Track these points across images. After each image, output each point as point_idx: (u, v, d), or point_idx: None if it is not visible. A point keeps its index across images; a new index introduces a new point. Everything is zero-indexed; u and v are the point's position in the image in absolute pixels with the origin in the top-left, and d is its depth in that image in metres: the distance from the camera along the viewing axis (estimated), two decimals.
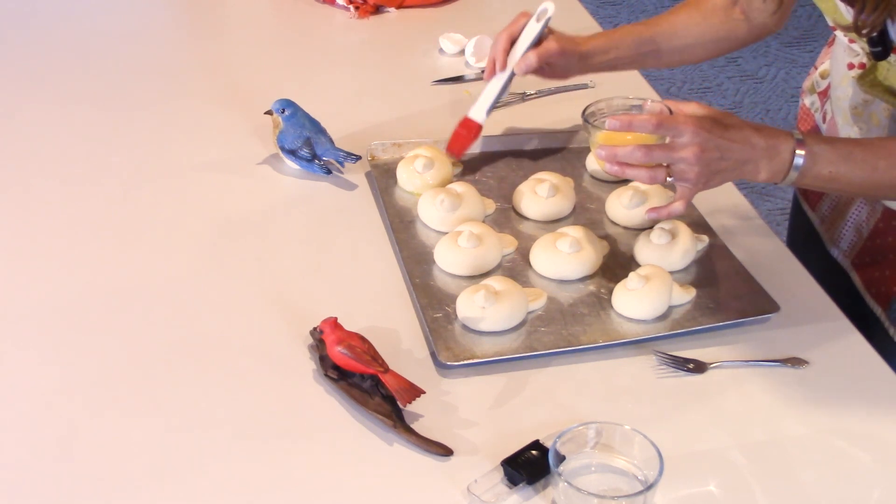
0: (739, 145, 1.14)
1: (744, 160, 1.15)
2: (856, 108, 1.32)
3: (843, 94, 1.34)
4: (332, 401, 1.11)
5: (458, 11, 1.97)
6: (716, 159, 1.13)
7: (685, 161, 1.13)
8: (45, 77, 1.75)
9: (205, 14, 2.01)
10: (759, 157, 1.15)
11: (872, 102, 1.29)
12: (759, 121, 3.54)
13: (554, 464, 0.97)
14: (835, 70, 1.37)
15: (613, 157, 1.16)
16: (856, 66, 1.30)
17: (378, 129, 1.57)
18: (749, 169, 1.15)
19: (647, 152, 1.14)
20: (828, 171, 1.15)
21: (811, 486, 1.03)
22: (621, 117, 1.16)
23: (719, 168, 1.14)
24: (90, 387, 1.13)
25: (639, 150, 1.14)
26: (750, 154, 1.14)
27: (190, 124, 1.62)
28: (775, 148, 1.15)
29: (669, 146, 1.13)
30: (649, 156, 1.14)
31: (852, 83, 1.31)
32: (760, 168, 1.15)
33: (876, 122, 1.30)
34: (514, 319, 1.19)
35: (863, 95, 1.29)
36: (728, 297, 1.24)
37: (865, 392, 1.14)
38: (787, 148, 1.15)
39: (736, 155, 1.14)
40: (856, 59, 1.29)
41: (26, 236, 1.36)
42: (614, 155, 1.15)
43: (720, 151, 1.13)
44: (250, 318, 1.22)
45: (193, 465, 1.04)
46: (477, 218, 1.35)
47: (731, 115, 1.17)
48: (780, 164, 1.15)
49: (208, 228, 1.38)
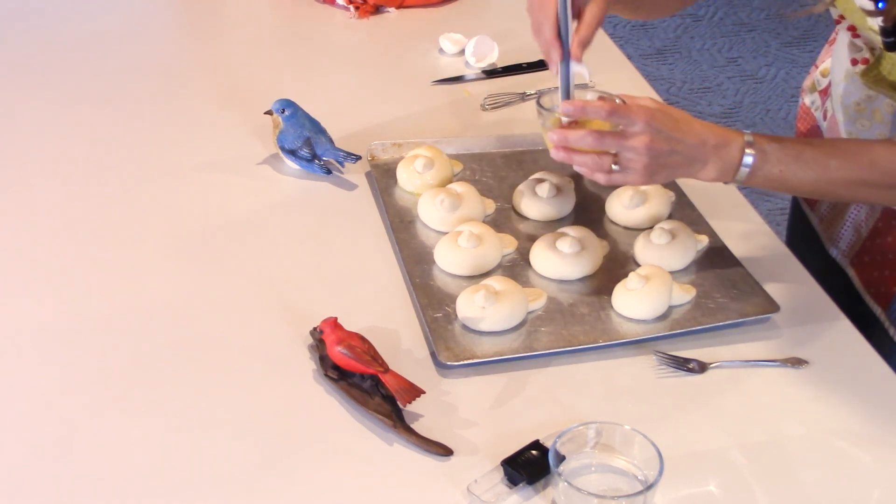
0: (690, 140, 1.14)
1: (693, 157, 1.15)
2: (858, 104, 1.32)
3: (845, 90, 1.34)
4: (332, 401, 1.11)
5: (458, 11, 1.97)
6: (665, 152, 1.13)
7: (635, 150, 1.13)
8: (45, 77, 1.75)
9: (205, 14, 2.01)
10: (709, 155, 1.15)
11: (876, 98, 1.29)
12: (760, 121, 3.54)
13: (554, 464, 0.97)
14: (836, 67, 1.36)
15: (565, 140, 1.15)
16: (859, 62, 1.30)
17: (378, 129, 1.57)
18: (698, 167, 1.16)
19: (599, 138, 1.13)
20: (778, 171, 1.16)
21: (811, 486, 1.03)
22: (575, 102, 1.15)
23: (668, 162, 1.14)
24: (90, 387, 1.13)
25: (590, 136, 1.13)
26: (700, 151, 1.15)
27: (190, 124, 1.62)
28: (725, 146, 1.15)
29: (621, 134, 1.13)
30: (600, 142, 1.13)
31: (855, 80, 1.31)
32: (709, 166, 1.15)
33: (879, 118, 1.30)
34: (514, 319, 1.19)
35: (866, 91, 1.29)
36: (728, 297, 1.24)
37: (865, 392, 1.14)
38: (737, 146, 1.15)
39: (686, 150, 1.14)
40: (859, 55, 1.29)
41: (26, 236, 1.36)
42: (565, 139, 1.15)
43: (670, 144, 1.13)
44: (250, 319, 1.22)
45: (193, 465, 1.04)
46: (477, 218, 1.35)
47: (682, 111, 1.17)
48: (729, 162, 1.15)
49: (208, 228, 1.38)
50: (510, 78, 1.74)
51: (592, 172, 1.16)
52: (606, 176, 1.15)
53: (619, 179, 1.16)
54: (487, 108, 1.65)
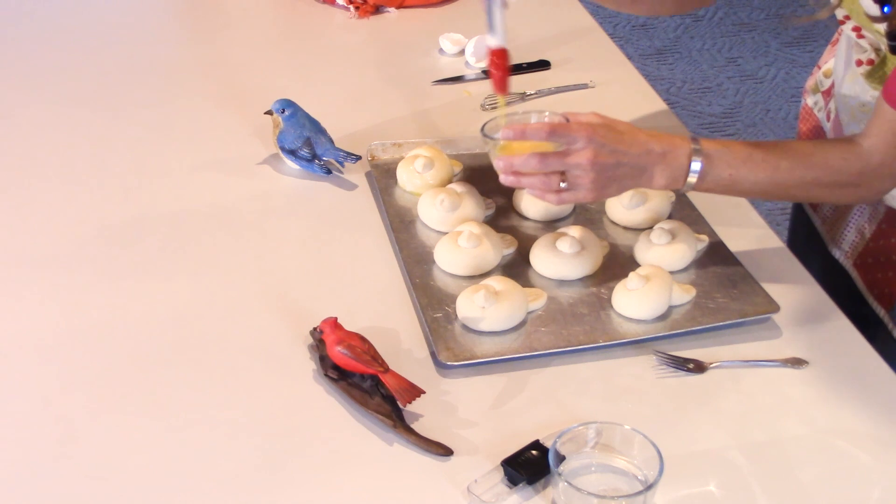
0: (635, 150, 1.15)
1: (640, 166, 1.15)
2: (863, 105, 1.31)
3: (849, 91, 1.33)
4: (332, 401, 1.11)
5: (458, 11, 1.97)
6: (611, 165, 1.14)
7: (580, 167, 1.13)
8: (44, 77, 1.75)
9: (205, 14, 2.01)
10: (656, 164, 1.15)
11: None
12: (760, 120, 3.54)
13: (554, 464, 0.97)
14: (840, 68, 1.36)
15: (510, 167, 1.16)
16: (864, 63, 1.30)
17: (378, 129, 1.57)
18: (646, 176, 1.16)
19: (542, 160, 1.14)
20: (728, 174, 1.16)
21: (811, 486, 1.03)
22: (515, 126, 1.16)
23: (615, 175, 1.15)
24: (90, 387, 1.13)
25: (533, 158, 1.14)
26: (646, 160, 1.15)
27: (190, 124, 1.62)
28: (671, 153, 1.15)
29: (564, 153, 1.14)
30: (544, 163, 1.14)
31: (859, 80, 1.30)
32: (657, 174, 1.16)
33: None
34: (514, 319, 1.19)
35: (871, 92, 1.29)
36: (728, 297, 1.24)
37: (865, 392, 1.14)
38: (684, 153, 1.15)
39: (632, 161, 1.15)
40: (864, 56, 1.29)
41: (26, 236, 1.36)
42: (511, 164, 1.16)
43: (615, 157, 1.14)
44: (250, 319, 1.22)
45: (193, 465, 1.04)
46: (477, 218, 1.35)
47: (626, 123, 1.18)
48: (677, 169, 1.16)
49: (208, 228, 1.38)
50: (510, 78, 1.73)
51: (543, 194, 1.17)
52: (556, 196, 1.16)
53: (569, 198, 1.17)
54: (487, 108, 1.65)
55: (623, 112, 1.65)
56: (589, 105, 1.65)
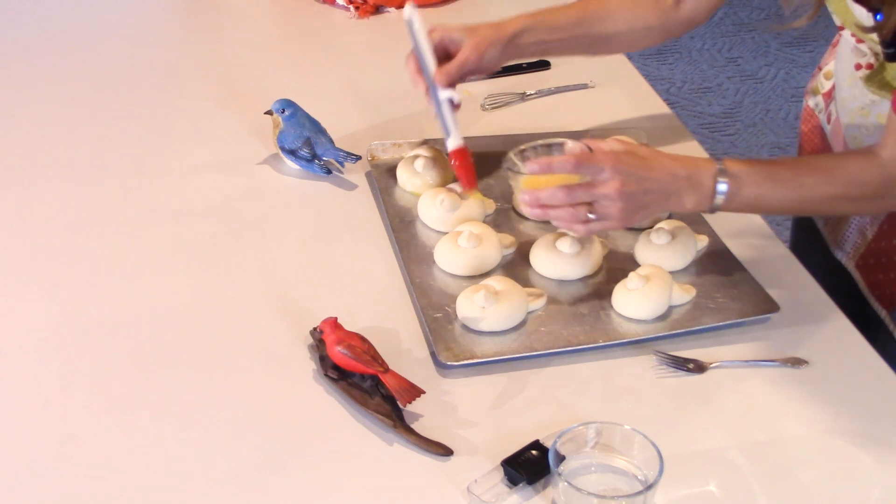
0: (660, 176, 1.14)
1: (667, 192, 1.15)
2: (863, 108, 1.31)
3: (849, 95, 1.33)
4: (332, 401, 1.11)
5: (458, 11, 1.97)
6: (638, 193, 1.13)
7: (607, 197, 1.13)
8: (44, 77, 1.75)
9: (205, 14, 2.01)
10: (682, 188, 1.14)
11: (880, 103, 1.29)
12: (760, 121, 3.54)
13: (554, 464, 0.97)
14: (840, 71, 1.36)
15: (537, 200, 1.15)
16: (863, 67, 1.29)
17: (378, 129, 1.57)
18: (674, 200, 1.15)
19: (569, 192, 1.13)
20: (753, 194, 1.15)
21: (811, 486, 1.03)
22: (540, 161, 1.15)
23: (643, 202, 1.14)
24: (90, 387, 1.13)
25: (560, 191, 1.13)
26: (672, 185, 1.14)
27: (190, 124, 1.62)
28: (696, 177, 1.14)
29: (590, 184, 1.13)
30: (571, 195, 1.13)
31: (859, 84, 1.30)
32: (684, 198, 1.15)
33: (883, 122, 1.29)
34: (514, 319, 1.19)
35: (870, 96, 1.29)
36: (728, 297, 1.24)
37: (865, 392, 1.14)
38: (709, 175, 1.14)
39: (658, 186, 1.14)
40: (863, 60, 1.29)
41: (26, 236, 1.36)
42: (537, 199, 1.15)
43: (641, 184, 1.13)
44: (250, 318, 1.22)
45: (193, 465, 1.04)
46: (477, 218, 1.35)
47: (649, 148, 1.17)
48: (703, 192, 1.15)
49: (208, 228, 1.38)
50: (510, 78, 1.73)
51: (570, 225, 1.16)
52: (584, 226, 1.16)
53: (597, 227, 1.16)
54: (487, 108, 1.65)
55: (623, 112, 1.65)
56: (589, 105, 1.67)
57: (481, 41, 1.33)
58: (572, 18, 1.40)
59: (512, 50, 1.36)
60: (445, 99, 1.33)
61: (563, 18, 1.39)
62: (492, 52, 1.34)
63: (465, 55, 1.32)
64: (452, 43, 1.34)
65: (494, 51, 1.34)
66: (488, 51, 1.33)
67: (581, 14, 1.40)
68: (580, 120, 1.60)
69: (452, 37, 1.34)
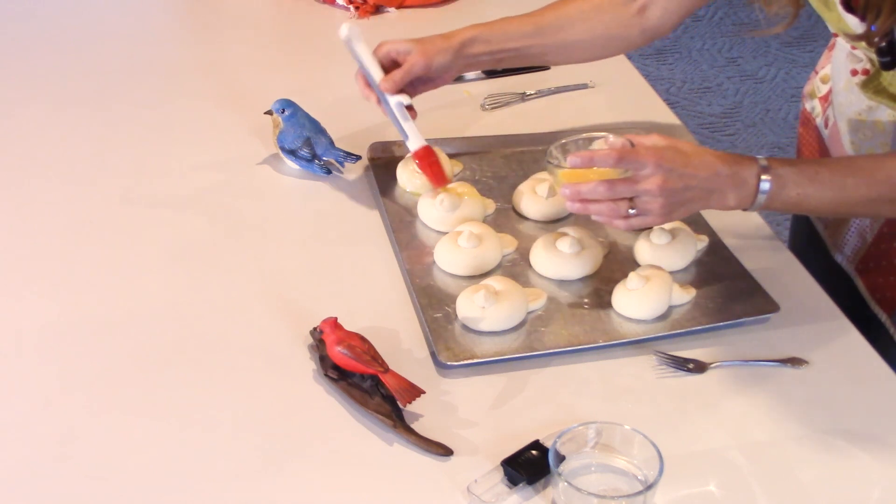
0: (703, 174, 1.13)
1: (709, 189, 1.14)
2: (860, 114, 1.31)
3: (845, 100, 1.33)
4: (332, 401, 1.11)
5: (458, 11, 1.97)
6: (680, 189, 1.12)
7: (649, 193, 1.12)
8: (44, 77, 1.75)
9: (205, 14, 2.01)
10: (725, 185, 1.14)
11: (877, 109, 1.29)
12: (760, 121, 3.54)
13: (554, 464, 0.97)
14: (837, 76, 1.36)
15: (577, 194, 1.14)
16: (859, 73, 1.29)
17: (378, 129, 1.57)
18: (715, 198, 1.14)
19: (611, 187, 1.12)
20: (795, 194, 1.14)
21: (811, 486, 1.03)
22: (582, 154, 1.14)
23: (684, 198, 1.13)
24: (90, 387, 1.13)
25: (602, 186, 1.12)
26: (714, 183, 1.13)
27: (190, 124, 1.62)
28: (739, 174, 1.14)
29: (632, 179, 1.12)
30: (613, 190, 1.12)
31: (855, 90, 1.30)
32: (726, 196, 1.14)
33: (881, 128, 1.29)
34: (514, 319, 1.19)
35: (867, 102, 1.29)
36: (728, 297, 1.24)
37: (865, 392, 1.14)
38: (752, 173, 1.14)
39: (700, 184, 1.13)
40: (859, 66, 1.29)
41: (26, 236, 1.36)
42: (578, 193, 1.14)
43: (683, 181, 1.12)
44: (250, 318, 1.22)
45: (193, 465, 1.04)
46: (477, 218, 1.35)
47: (692, 144, 1.16)
48: (746, 190, 1.14)
49: (208, 228, 1.38)
50: (510, 78, 1.73)
51: (610, 220, 1.15)
52: (625, 221, 1.15)
53: (637, 223, 1.16)
54: (487, 108, 1.65)
55: (623, 112, 1.65)
56: (589, 105, 1.67)
57: (429, 48, 1.34)
58: (528, 27, 1.39)
59: (463, 59, 1.37)
60: (396, 103, 1.35)
61: (519, 27, 1.38)
62: (440, 60, 1.35)
63: (412, 61, 1.34)
64: (400, 54, 1.35)
65: (443, 58, 1.35)
66: (436, 58, 1.34)
67: (538, 22, 1.39)
68: (580, 120, 1.60)
69: (399, 48, 1.35)
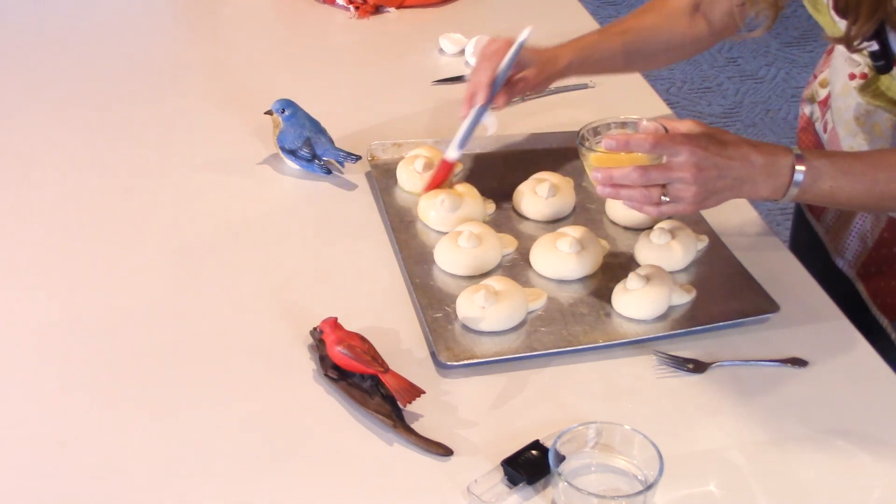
0: (738, 163, 1.12)
1: (742, 178, 1.13)
2: (858, 118, 1.31)
3: (844, 104, 1.33)
4: (332, 401, 1.11)
5: (458, 11, 1.97)
6: (713, 178, 1.11)
7: (683, 181, 1.11)
8: (45, 77, 1.75)
9: (205, 14, 2.01)
10: (758, 175, 1.13)
11: (875, 113, 1.28)
12: (760, 121, 3.54)
13: (554, 464, 0.97)
14: (835, 80, 1.36)
15: (609, 179, 1.13)
16: (857, 77, 1.29)
17: (378, 129, 1.57)
18: (748, 187, 1.13)
19: (644, 173, 1.11)
20: (828, 186, 1.14)
21: (811, 486, 1.03)
22: (618, 137, 1.13)
23: (717, 187, 1.12)
24: (90, 387, 1.13)
25: (635, 172, 1.11)
26: (748, 172, 1.13)
27: (190, 124, 1.62)
28: (774, 164, 1.13)
29: (666, 166, 1.11)
30: (646, 176, 1.11)
31: (853, 94, 1.30)
32: (759, 186, 1.13)
33: (879, 132, 1.29)
34: (514, 319, 1.19)
35: (865, 106, 1.29)
36: (728, 297, 1.24)
37: (865, 392, 1.14)
38: (787, 164, 1.13)
39: (734, 173, 1.12)
40: (857, 70, 1.29)
41: (26, 236, 1.36)
42: (610, 177, 1.13)
43: (718, 170, 1.11)
44: (250, 318, 1.22)
45: (193, 465, 1.04)
46: (477, 218, 1.35)
47: (728, 133, 1.15)
48: (779, 180, 1.13)
49: (208, 228, 1.38)
50: None
51: (642, 206, 1.14)
52: (656, 208, 1.14)
53: (669, 210, 1.14)
54: None
55: (623, 112, 1.64)
56: (589, 105, 1.67)
57: (543, 70, 1.38)
58: (617, 50, 1.44)
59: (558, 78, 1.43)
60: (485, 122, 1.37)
61: (609, 47, 1.44)
62: (545, 85, 1.42)
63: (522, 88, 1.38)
64: (519, 65, 1.36)
65: (548, 83, 1.42)
66: (544, 83, 1.41)
67: (625, 42, 1.44)
68: (580, 120, 1.60)
69: (524, 60, 1.36)
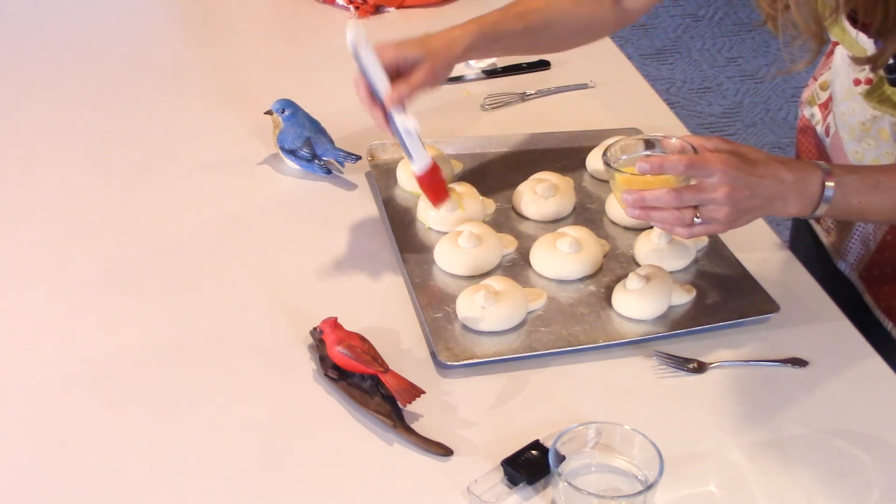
0: (769, 181, 1.11)
1: (773, 197, 1.11)
2: (863, 124, 1.30)
3: (848, 109, 1.32)
4: (332, 401, 1.11)
5: (458, 11, 1.96)
6: (746, 197, 1.10)
7: (715, 202, 1.09)
8: (45, 77, 1.75)
9: (205, 14, 2.01)
10: (788, 193, 1.11)
11: (881, 118, 1.28)
12: (760, 121, 3.54)
13: (554, 464, 0.97)
14: (838, 85, 1.35)
15: (641, 201, 1.11)
16: (862, 82, 1.29)
17: (378, 129, 1.57)
18: (779, 205, 1.12)
19: (677, 195, 1.09)
20: (857, 202, 1.13)
21: (811, 486, 1.03)
22: (652, 160, 1.10)
23: (749, 206, 1.11)
24: (90, 387, 1.13)
25: (668, 194, 1.09)
26: (779, 190, 1.11)
27: (190, 124, 1.62)
28: (804, 181, 1.12)
29: (699, 187, 1.09)
30: (679, 199, 1.09)
31: (858, 99, 1.29)
32: (790, 203, 1.12)
33: (885, 137, 1.29)
34: (514, 319, 1.19)
35: (870, 111, 1.28)
36: (728, 297, 1.24)
37: (865, 392, 1.14)
38: (816, 181, 1.12)
39: (765, 192, 1.11)
40: (862, 75, 1.28)
41: (26, 236, 1.36)
42: (642, 199, 1.10)
43: (750, 189, 1.09)
44: (250, 318, 1.22)
45: (192, 465, 1.04)
46: (477, 218, 1.35)
47: (756, 150, 1.14)
48: (809, 197, 1.12)
49: (208, 228, 1.38)
50: (510, 78, 1.74)
51: (673, 228, 1.12)
52: (688, 230, 1.12)
53: (700, 231, 1.13)
54: (487, 108, 1.65)
55: (623, 112, 1.65)
56: (589, 105, 1.67)
57: (437, 60, 1.29)
58: (519, 26, 1.38)
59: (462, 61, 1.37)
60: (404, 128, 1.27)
61: (511, 27, 1.38)
62: (445, 73, 1.33)
63: (422, 78, 1.27)
64: (406, 62, 1.28)
65: (447, 70, 1.33)
66: (442, 72, 1.31)
67: (527, 23, 1.39)
68: (580, 120, 1.60)
69: (407, 58, 1.28)
